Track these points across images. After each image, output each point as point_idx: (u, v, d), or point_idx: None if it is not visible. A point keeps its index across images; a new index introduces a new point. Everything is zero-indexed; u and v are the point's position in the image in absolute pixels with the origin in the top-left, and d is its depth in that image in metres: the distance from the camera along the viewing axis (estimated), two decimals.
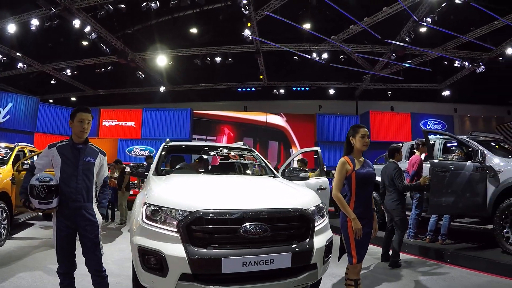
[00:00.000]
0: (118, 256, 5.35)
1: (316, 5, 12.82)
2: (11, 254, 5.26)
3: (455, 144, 6.84)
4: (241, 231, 2.73)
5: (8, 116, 15.82)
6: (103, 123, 18.99)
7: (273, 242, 2.84)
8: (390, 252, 5.19)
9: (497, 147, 6.22)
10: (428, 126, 20.17)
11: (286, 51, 16.48)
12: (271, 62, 18.48)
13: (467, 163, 5.58)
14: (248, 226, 2.75)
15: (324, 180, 6.85)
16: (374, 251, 5.80)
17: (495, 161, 5.52)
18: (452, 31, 14.28)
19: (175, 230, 2.73)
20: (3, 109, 15.68)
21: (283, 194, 3.48)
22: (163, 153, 4.78)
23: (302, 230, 2.99)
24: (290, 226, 2.96)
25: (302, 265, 2.89)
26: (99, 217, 3.00)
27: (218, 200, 3.02)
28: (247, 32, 14.28)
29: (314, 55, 16.23)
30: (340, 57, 16.59)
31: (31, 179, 2.78)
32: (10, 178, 6.28)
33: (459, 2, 11.07)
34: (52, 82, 19.45)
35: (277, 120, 21.37)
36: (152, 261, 2.72)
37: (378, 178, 5.10)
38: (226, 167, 5.02)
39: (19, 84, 20.03)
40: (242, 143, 5.71)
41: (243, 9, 12.66)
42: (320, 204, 3.34)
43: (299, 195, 3.40)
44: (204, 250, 2.66)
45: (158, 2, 12.07)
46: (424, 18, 12.86)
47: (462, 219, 6.51)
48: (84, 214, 2.88)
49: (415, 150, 6.53)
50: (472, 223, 6.59)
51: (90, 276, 2.96)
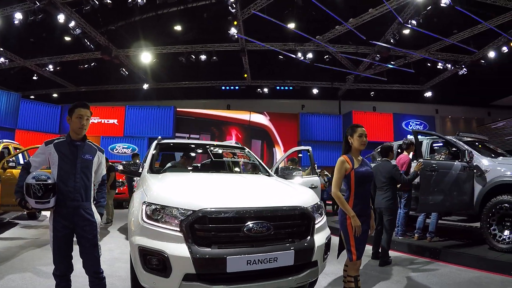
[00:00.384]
0: (108, 256, 5.22)
1: (302, 5, 12.90)
2: None
3: (441, 144, 7.00)
4: (244, 229, 2.72)
5: None
6: None
7: (275, 240, 2.84)
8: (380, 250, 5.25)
9: (480, 146, 6.40)
10: (410, 127, 20.62)
11: (271, 50, 16.51)
12: (255, 61, 18.47)
13: (455, 163, 5.72)
14: (251, 225, 2.73)
15: (315, 178, 6.91)
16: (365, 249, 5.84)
17: (482, 161, 5.67)
18: (436, 33, 14.61)
19: (178, 229, 2.68)
20: None
21: (283, 192, 3.48)
22: (155, 151, 4.72)
23: (303, 228, 3.02)
24: (292, 224, 2.96)
25: (304, 262, 2.91)
26: (97, 216, 2.91)
27: (220, 198, 3.00)
28: (233, 31, 14.23)
29: (299, 54, 16.33)
30: (325, 57, 16.74)
31: (27, 178, 2.66)
32: None
33: (444, 5, 11.33)
34: (34, 78, 18.91)
35: (260, 119, 21.46)
36: (154, 261, 2.66)
37: None
38: (220, 165, 5.00)
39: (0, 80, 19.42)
40: (234, 141, 5.71)
41: (230, 7, 12.60)
42: (318, 202, 3.38)
43: (299, 193, 3.42)
44: (209, 250, 2.62)
45: None
46: (409, 20, 13.10)
47: (449, 217, 6.67)
48: (82, 214, 2.79)
49: (399, 150, 6.62)
50: (459, 221, 6.76)
51: (83, 277, 2.85)
